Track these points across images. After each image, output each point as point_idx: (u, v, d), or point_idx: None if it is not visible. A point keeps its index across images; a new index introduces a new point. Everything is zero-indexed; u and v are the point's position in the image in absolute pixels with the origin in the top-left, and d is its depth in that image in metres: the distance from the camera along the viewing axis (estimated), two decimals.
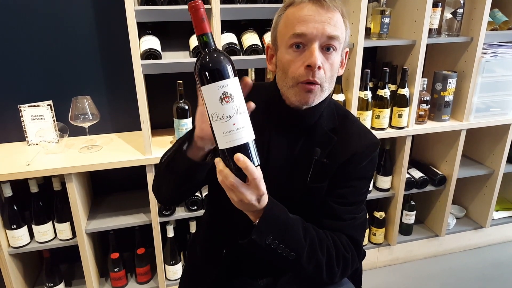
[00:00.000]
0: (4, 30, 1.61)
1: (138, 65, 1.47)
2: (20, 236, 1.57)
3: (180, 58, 1.57)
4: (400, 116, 1.83)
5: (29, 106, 1.66)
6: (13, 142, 1.75)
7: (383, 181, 1.98)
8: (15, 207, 1.55)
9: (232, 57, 0.82)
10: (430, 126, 1.90)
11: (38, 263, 1.88)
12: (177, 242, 1.81)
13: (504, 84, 1.95)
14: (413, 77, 1.81)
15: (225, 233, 1.03)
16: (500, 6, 1.97)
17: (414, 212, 2.11)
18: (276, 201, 0.83)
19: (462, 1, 1.77)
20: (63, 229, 1.60)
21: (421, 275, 2.07)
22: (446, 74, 1.88)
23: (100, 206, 1.80)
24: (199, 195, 1.75)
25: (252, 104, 0.78)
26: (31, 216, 1.57)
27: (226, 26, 1.62)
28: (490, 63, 1.87)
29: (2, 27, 1.61)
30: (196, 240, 1.19)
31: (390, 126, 1.87)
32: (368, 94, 1.77)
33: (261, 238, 0.79)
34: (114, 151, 1.64)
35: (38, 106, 1.66)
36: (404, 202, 2.05)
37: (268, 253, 0.81)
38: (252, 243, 0.79)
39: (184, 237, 1.91)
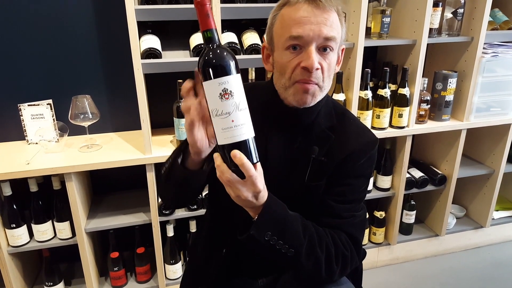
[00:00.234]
0: (4, 30, 1.61)
1: (138, 64, 1.47)
2: (20, 235, 1.57)
3: (180, 58, 1.57)
4: (401, 116, 1.83)
5: (29, 105, 1.65)
6: (13, 141, 1.75)
7: (383, 181, 1.98)
8: (15, 206, 1.55)
9: None
10: (431, 126, 1.90)
11: (38, 262, 1.88)
12: (177, 242, 1.80)
13: (505, 84, 1.94)
14: (414, 77, 1.81)
15: (225, 232, 1.03)
16: (501, 6, 1.97)
17: (414, 212, 2.11)
18: (276, 198, 0.83)
19: (463, 1, 1.77)
20: (63, 228, 1.60)
21: (421, 275, 2.07)
22: (447, 74, 1.87)
23: (100, 205, 1.80)
24: (199, 195, 1.75)
25: None
26: (31, 215, 1.57)
27: (227, 26, 1.62)
28: (491, 63, 1.87)
29: (2, 27, 1.61)
30: (197, 240, 1.19)
31: (391, 126, 1.87)
32: (369, 94, 1.77)
33: (260, 234, 0.79)
34: (114, 150, 1.64)
35: (38, 105, 1.66)
36: (404, 202, 2.05)
37: (267, 250, 0.81)
38: (251, 239, 0.79)
39: (184, 237, 1.91)
